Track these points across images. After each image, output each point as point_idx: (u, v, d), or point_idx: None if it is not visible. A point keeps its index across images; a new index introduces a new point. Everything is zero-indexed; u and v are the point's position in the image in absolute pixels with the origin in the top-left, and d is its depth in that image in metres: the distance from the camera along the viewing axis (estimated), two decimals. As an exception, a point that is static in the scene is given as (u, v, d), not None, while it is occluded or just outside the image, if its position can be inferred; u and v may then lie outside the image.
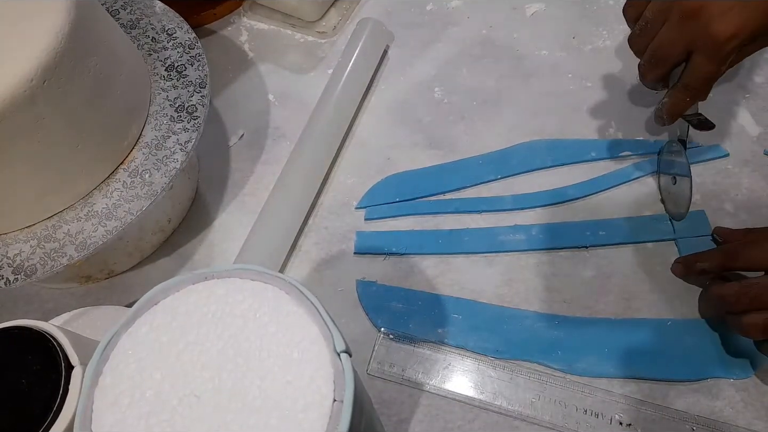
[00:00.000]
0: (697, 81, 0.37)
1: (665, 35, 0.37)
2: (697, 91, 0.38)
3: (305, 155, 0.48)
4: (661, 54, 0.38)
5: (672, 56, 0.37)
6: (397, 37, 0.58)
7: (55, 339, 0.27)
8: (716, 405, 0.37)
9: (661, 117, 0.41)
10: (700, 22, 0.35)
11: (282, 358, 0.23)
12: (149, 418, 0.22)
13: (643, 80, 0.40)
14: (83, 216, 0.39)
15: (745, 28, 0.34)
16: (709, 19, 0.34)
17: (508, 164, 0.49)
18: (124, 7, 0.48)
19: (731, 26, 0.34)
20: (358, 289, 0.44)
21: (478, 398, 0.39)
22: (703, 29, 0.35)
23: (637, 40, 0.39)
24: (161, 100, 0.43)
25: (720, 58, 0.35)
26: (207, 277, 0.25)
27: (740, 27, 0.34)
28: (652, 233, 0.44)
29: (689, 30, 0.35)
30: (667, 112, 0.40)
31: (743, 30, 0.34)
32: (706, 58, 0.36)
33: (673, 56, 0.37)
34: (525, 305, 0.42)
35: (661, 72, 0.39)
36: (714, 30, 0.34)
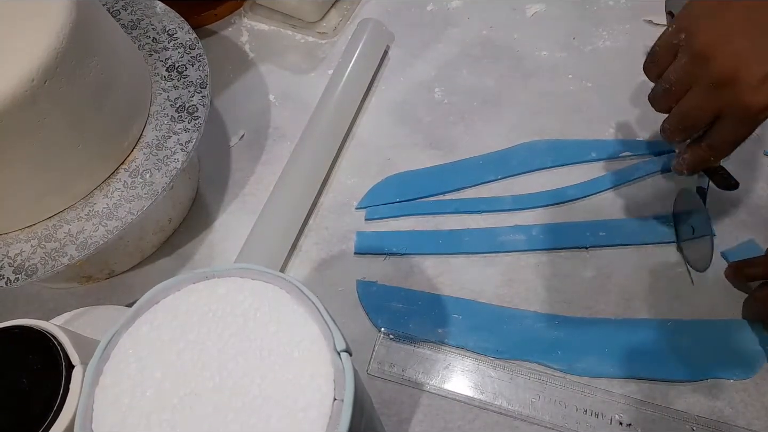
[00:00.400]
0: (724, 143, 0.35)
1: (695, 101, 0.35)
2: (723, 153, 0.36)
3: (305, 155, 0.48)
4: (690, 120, 0.36)
5: (701, 123, 0.35)
6: (397, 38, 0.58)
7: (56, 338, 0.27)
8: (716, 405, 0.37)
9: (681, 170, 0.39)
10: (733, 93, 0.33)
11: (282, 357, 0.23)
12: (149, 417, 0.22)
13: (666, 140, 0.39)
14: (84, 216, 0.39)
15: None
16: (742, 90, 0.32)
17: (508, 164, 0.49)
18: (125, 8, 0.48)
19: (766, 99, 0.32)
20: (358, 289, 0.44)
21: (478, 398, 0.39)
22: (736, 99, 0.33)
23: (661, 101, 0.37)
24: (162, 100, 0.43)
25: (752, 128, 0.34)
26: (207, 276, 0.25)
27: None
28: (652, 235, 0.44)
29: (720, 100, 0.33)
30: (688, 167, 0.38)
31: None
32: (737, 126, 0.34)
33: (702, 123, 0.35)
34: (525, 305, 0.42)
35: (687, 136, 0.37)
36: (748, 101, 0.32)
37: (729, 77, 0.32)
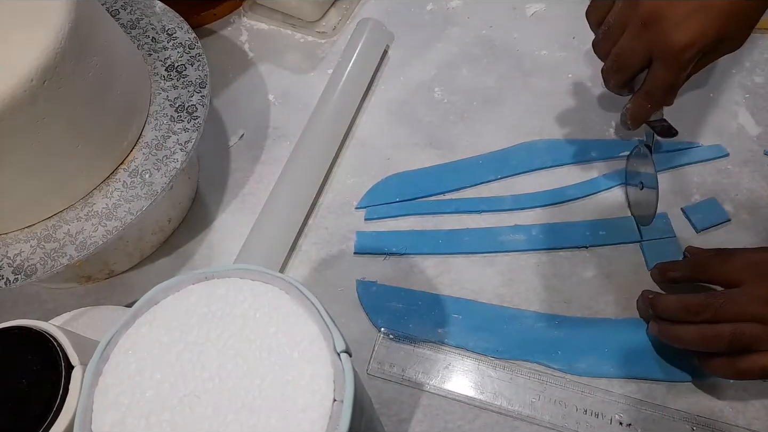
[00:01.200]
0: (657, 88, 0.37)
1: (626, 42, 0.36)
2: (659, 98, 0.37)
3: (305, 155, 0.48)
4: (623, 60, 0.37)
5: (633, 63, 0.37)
6: (397, 37, 0.58)
7: (55, 339, 0.27)
8: (716, 405, 0.37)
9: (626, 122, 0.40)
10: (659, 30, 0.34)
11: (282, 357, 0.23)
12: (149, 418, 0.22)
13: (607, 85, 0.40)
14: (83, 216, 0.39)
15: (703, 36, 0.34)
16: (667, 26, 0.34)
17: (508, 164, 0.49)
18: (124, 7, 0.48)
19: (689, 34, 0.33)
20: (358, 289, 0.44)
21: (478, 398, 0.39)
22: (662, 37, 0.34)
23: (601, 45, 0.39)
24: (161, 100, 0.43)
25: (679, 66, 0.35)
26: (207, 277, 0.25)
27: (698, 35, 0.33)
28: (652, 233, 0.44)
29: (649, 37, 0.35)
30: (630, 117, 0.39)
31: (701, 38, 0.34)
32: (666, 66, 0.35)
33: (634, 63, 0.37)
34: (525, 305, 0.42)
35: (622, 78, 0.38)
36: (672, 38, 0.34)
37: (655, 15, 0.34)
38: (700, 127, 0.49)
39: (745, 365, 0.34)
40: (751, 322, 0.34)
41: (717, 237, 0.44)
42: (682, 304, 0.37)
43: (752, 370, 0.34)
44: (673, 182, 0.46)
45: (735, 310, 0.34)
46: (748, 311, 0.34)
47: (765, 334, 0.33)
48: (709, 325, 0.35)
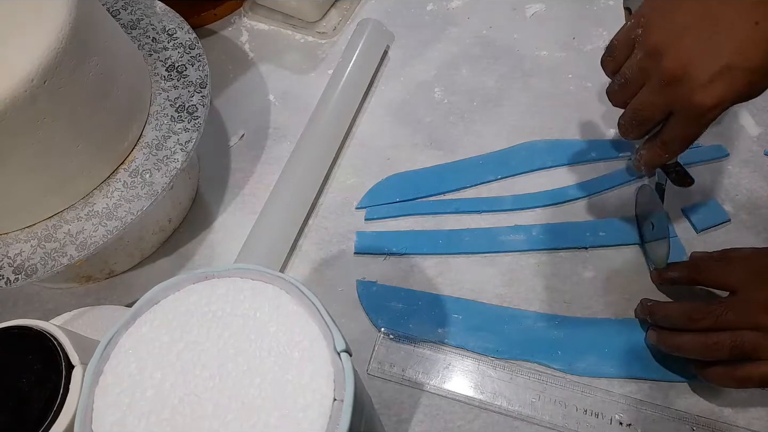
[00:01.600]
0: (676, 141, 0.36)
1: (646, 98, 0.35)
2: (676, 150, 0.36)
3: (305, 155, 0.48)
4: (643, 116, 0.36)
5: (653, 119, 0.36)
6: (397, 38, 0.58)
7: (56, 339, 0.27)
8: (716, 405, 0.37)
9: (639, 167, 0.39)
10: (683, 90, 0.33)
11: (282, 357, 0.23)
12: (149, 417, 0.22)
13: (624, 137, 0.39)
14: (84, 216, 0.39)
15: (730, 97, 0.33)
16: (692, 87, 0.32)
17: (508, 164, 0.49)
18: (125, 8, 0.48)
19: (716, 97, 0.32)
20: (358, 289, 0.44)
21: (478, 398, 0.39)
22: (686, 97, 0.33)
23: (617, 96, 0.38)
24: (162, 100, 0.43)
25: (702, 125, 0.34)
26: (207, 276, 0.25)
27: (723, 97, 0.32)
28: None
29: (672, 95, 0.34)
30: (645, 164, 0.38)
31: (726, 99, 0.33)
32: (687, 124, 0.34)
33: (654, 119, 0.36)
34: (525, 305, 0.42)
35: (642, 132, 0.37)
36: (698, 100, 0.33)
37: (679, 74, 0.32)
38: (700, 128, 0.49)
39: (745, 373, 0.34)
40: (751, 330, 0.34)
41: (717, 237, 0.44)
42: (682, 311, 0.36)
43: (751, 379, 0.34)
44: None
45: (735, 318, 0.34)
46: (748, 319, 0.34)
47: (765, 341, 0.33)
48: (710, 334, 0.35)
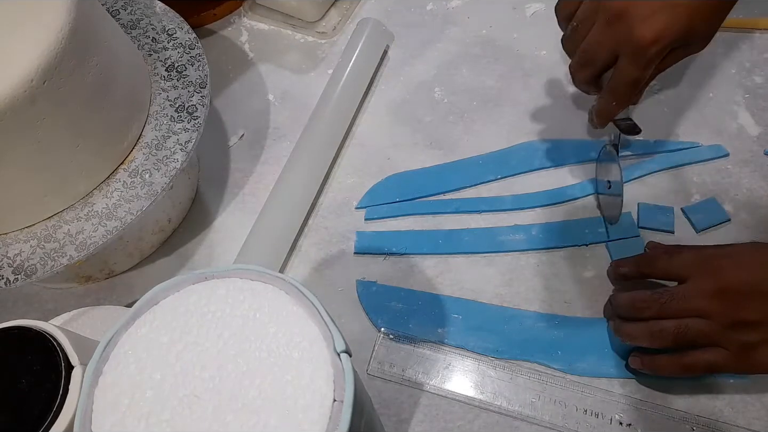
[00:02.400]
0: (621, 85, 0.37)
1: (593, 37, 0.36)
2: (623, 95, 0.37)
3: (305, 155, 0.48)
4: (589, 56, 0.37)
5: (599, 58, 0.37)
6: (397, 37, 0.58)
7: (55, 339, 0.27)
8: (716, 405, 0.37)
9: (592, 120, 0.40)
10: (625, 25, 0.34)
11: (282, 358, 0.23)
12: (149, 418, 0.22)
13: (574, 81, 0.40)
14: (83, 216, 0.39)
15: (667, 33, 0.34)
16: (632, 22, 0.34)
17: (508, 164, 0.49)
18: (125, 8, 0.48)
19: (653, 31, 0.33)
20: (358, 289, 0.44)
21: (478, 398, 0.39)
22: (628, 32, 0.34)
23: (569, 41, 0.39)
24: (161, 100, 0.43)
25: (644, 62, 0.35)
26: (207, 277, 0.25)
27: (662, 32, 0.33)
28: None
29: (614, 33, 0.35)
30: (597, 115, 0.39)
31: (665, 35, 0.34)
32: (630, 62, 0.35)
33: (600, 59, 0.37)
34: (525, 305, 0.42)
35: (589, 74, 0.38)
36: (637, 34, 0.34)
37: (622, 11, 0.34)
38: (700, 127, 0.49)
39: (690, 360, 0.35)
40: (695, 317, 0.34)
41: (717, 237, 0.44)
42: (630, 300, 0.37)
43: (696, 365, 0.34)
44: (673, 182, 0.46)
45: (680, 306, 0.35)
46: (692, 306, 0.34)
47: (709, 328, 0.34)
48: (655, 321, 0.35)
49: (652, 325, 0.36)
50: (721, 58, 0.52)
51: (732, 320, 0.33)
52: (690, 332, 0.34)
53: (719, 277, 0.34)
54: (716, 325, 0.34)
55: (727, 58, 0.52)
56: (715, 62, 0.52)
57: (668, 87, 0.51)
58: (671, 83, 0.51)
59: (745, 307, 0.33)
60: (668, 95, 0.51)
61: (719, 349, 0.34)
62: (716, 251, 0.36)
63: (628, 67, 0.36)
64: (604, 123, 0.40)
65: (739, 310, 0.33)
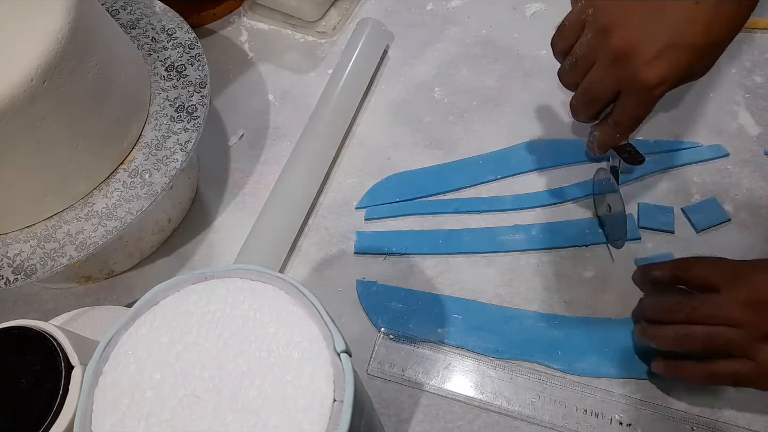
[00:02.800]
0: (626, 120, 0.37)
1: (595, 76, 0.36)
2: (626, 129, 0.37)
3: (305, 155, 0.48)
4: (592, 95, 0.37)
5: (603, 97, 0.36)
6: (397, 37, 0.58)
7: (55, 339, 0.27)
8: (716, 405, 0.37)
9: (593, 149, 0.40)
10: (629, 67, 0.34)
11: (282, 358, 0.23)
12: (149, 418, 0.22)
13: (576, 118, 0.40)
14: (83, 216, 0.39)
15: (674, 73, 0.34)
16: (638, 64, 0.33)
17: (508, 164, 0.49)
18: (124, 7, 0.48)
19: (660, 73, 0.33)
20: (358, 289, 0.44)
21: (478, 398, 0.39)
22: (633, 73, 0.34)
23: (568, 75, 0.38)
24: (161, 100, 0.43)
25: (649, 102, 0.35)
26: (207, 277, 0.25)
27: (669, 73, 0.33)
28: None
29: (618, 73, 0.35)
30: (597, 145, 0.39)
31: (672, 76, 0.34)
32: (636, 101, 0.35)
33: (604, 97, 0.36)
34: (525, 305, 0.42)
35: (592, 111, 0.38)
36: (642, 77, 0.33)
37: (626, 51, 0.34)
38: (700, 127, 0.49)
39: (716, 369, 0.34)
40: (726, 326, 0.34)
41: (717, 237, 0.44)
42: (660, 302, 0.37)
43: (722, 374, 0.34)
44: (673, 182, 0.46)
45: (710, 312, 0.34)
46: (724, 314, 0.34)
47: (739, 338, 0.33)
48: (685, 326, 0.35)
49: (681, 328, 0.35)
50: (720, 58, 0.52)
51: (763, 333, 0.33)
52: (719, 340, 0.34)
53: (754, 289, 0.34)
54: (746, 335, 0.33)
55: (727, 58, 0.52)
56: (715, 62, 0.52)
57: (668, 87, 0.51)
58: (671, 83, 0.51)
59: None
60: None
61: (747, 361, 0.33)
62: (754, 264, 0.35)
63: (632, 105, 0.35)
64: (605, 152, 0.40)
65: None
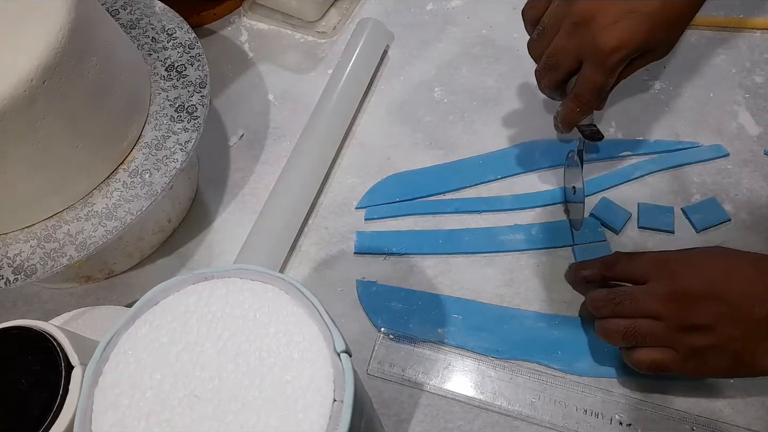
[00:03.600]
0: (585, 91, 0.37)
1: (558, 42, 0.37)
2: (587, 101, 0.38)
3: (305, 155, 0.48)
4: (554, 60, 0.37)
5: (564, 64, 0.37)
6: (397, 37, 0.58)
7: (55, 339, 0.27)
8: (716, 405, 0.37)
9: (557, 126, 0.41)
10: (589, 32, 0.34)
11: (282, 358, 0.23)
12: (149, 418, 0.22)
13: (540, 86, 0.40)
14: (83, 216, 0.39)
15: (631, 40, 0.34)
16: (597, 28, 0.34)
17: (508, 164, 0.49)
18: (124, 7, 0.48)
19: (617, 38, 0.34)
20: (358, 289, 0.44)
21: (478, 398, 0.39)
22: (591, 39, 0.34)
23: (535, 45, 0.39)
24: (161, 100, 0.43)
25: (606, 69, 0.35)
26: (207, 277, 0.25)
27: (626, 39, 0.34)
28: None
29: (579, 38, 0.35)
30: (561, 121, 0.40)
31: (629, 42, 0.34)
32: (594, 69, 0.36)
33: (565, 64, 0.37)
34: (525, 305, 0.42)
35: (554, 79, 0.38)
36: (600, 41, 0.34)
37: (588, 16, 0.34)
38: (700, 127, 0.49)
39: (638, 356, 0.35)
40: (647, 318, 0.35)
41: (717, 237, 0.44)
42: (589, 299, 0.38)
43: (643, 362, 0.35)
44: (673, 182, 0.46)
45: (634, 306, 0.35)
46: (645, 307, 0.35)
47: (659, 330, 0.34)
48: (608, 320, 0.36)
49: (605, 323, 0.37)
50: (721, 58, 0.52)
51: (683, 323, 0.34)
52: (639, 332, 0.35)
53: (674, 281, 0.34)
54: (667, 327, 0.34)
55: (727, 58, 0.52)
56: (715, 62, 0.52)
57: (668, 87, 0.51)
58: (671, 83, 0.51)
59: (696, 312, 0.33)
60: (668, 95, 0.51)
61: (668, 350, 0.34)
62: (674, 255, 0.36)
63: (592, 73, 0.36)
64: (568, 128, 0.41)
65: (690, 313, 0.33)
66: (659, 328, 0.34)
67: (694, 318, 0.33)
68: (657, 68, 0.52)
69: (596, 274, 0.40)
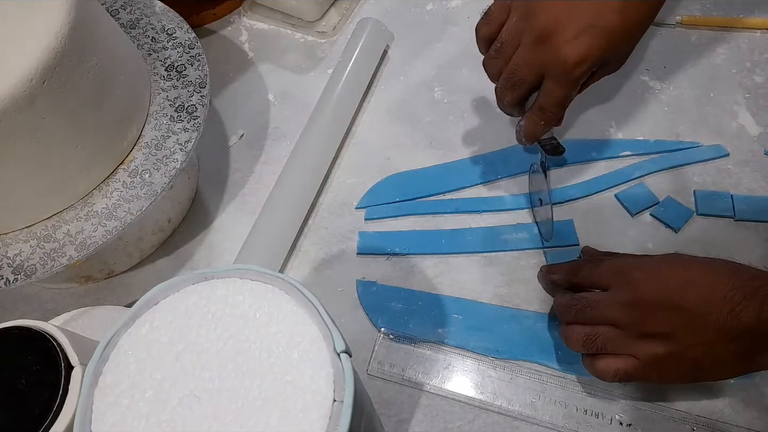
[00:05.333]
0: (550, 105, 0.37)
1: (519, 58, 0.37)
2: (551, 114, 0.38)
3: (305, 155, 0.48)
4: (517, 78, 0.37)
5: (526, 80, 0.37)
6: (397, 37, 0.58)
7: (55, 339, 0.27)
8: (716, 405, 0.37)
9: (521, 139, 0.41)
10: (550, 47, 0.35)
11: (282, 358, 0.23)
12: (149, 418, 0.22)
13: (500, 104, 0.40)
14: (83, 216, 0.39)
15: (593, 54, 0.34)
16: (559, 44, 0.34)
17: (508, 164, 0.49)
18: (124, 7, 0.48)
19: (580, 52, 0.34)
20: (358, 289, 0.44)
21: (478, 398, 0.39)
22: (554, 54, 0.35)
23: (492, 62, 0.39)
24: (161, 100, 0.43)
25: (570, 83, 0.36)
26: (207, 277, 0.25)
27: (588, 53, 0.34)
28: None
29: (541, 53, 0.35)
30: (525, 134, 0.40)
31: (591, 56, 0.34)
32: (558, 83, 0.36)
33: (527, 80, 0.37)
34: (525, 305, 0.42)
35: (517, 95, 0.38)
36: (562, 55, 0.34)
37: (549, 31, 0.35)
38: (700, 127, 0.49)
39: (601, 365, 0.35)
40: (606, 326, 0.35)
41: (717, 236, 0.44)
42: (555, 304, 0.38)
43: (606, 371, 0.35)
44: (673, 182, 0.46)
45: (594, 314, 0.35)
46: (605, 315, 0.35)
47: (618, 338, 0.34)
48: (570, 326, 0.36)
49: (567, 329, 0.37)
50: (721, 58, 0.52)
51: (642, 331, 0.33)
52: (599, 339, 0.35)
53: (633, 289, 0.34)
54: (627, 335, 0.34)
55: (727, 58, 0.52)
56: (715, 62, 0.52)
57: (668, 87, 0.51)
58: (671, 83, 0.51)
59: (654, 320, 0.33)
60: (668, 95, 0.51)
61: (629, 358, 0.34)
62: (634, 262, 0.36)
63: (556, 87, 0.36)
64: (532, 142, 0.41)
65: (649, 322, 0.33)
66: (619, 336, 0.34)
67: (652, 326, 0.33)
68: (657, 68, 0.52)
69: (563, 279, 0.40)
